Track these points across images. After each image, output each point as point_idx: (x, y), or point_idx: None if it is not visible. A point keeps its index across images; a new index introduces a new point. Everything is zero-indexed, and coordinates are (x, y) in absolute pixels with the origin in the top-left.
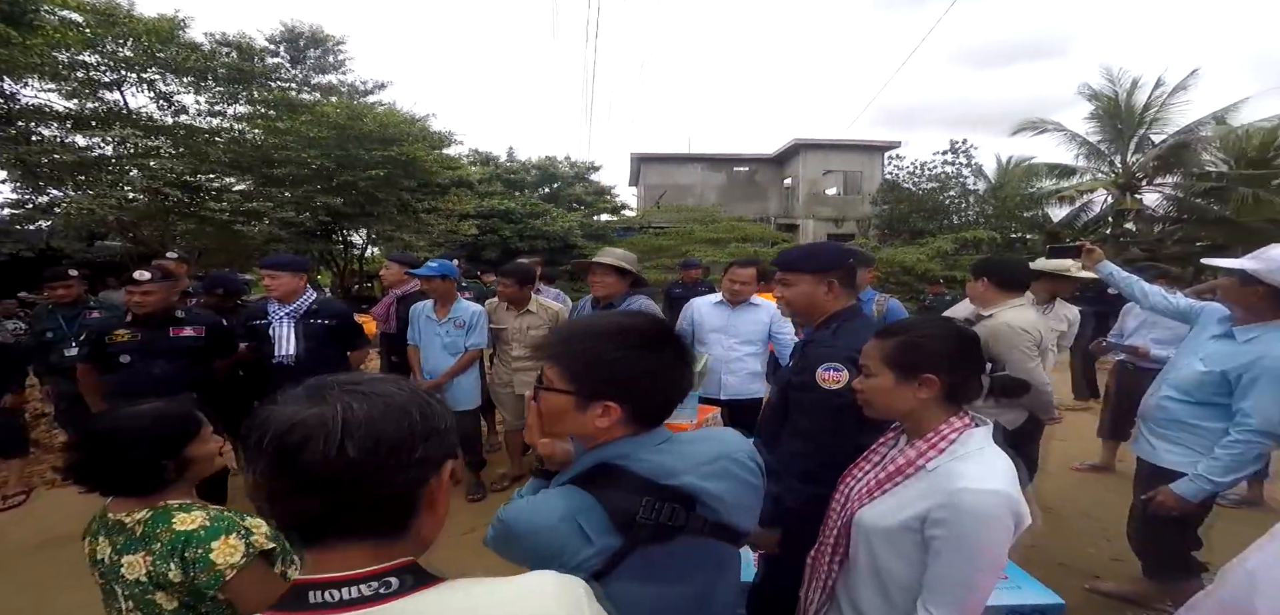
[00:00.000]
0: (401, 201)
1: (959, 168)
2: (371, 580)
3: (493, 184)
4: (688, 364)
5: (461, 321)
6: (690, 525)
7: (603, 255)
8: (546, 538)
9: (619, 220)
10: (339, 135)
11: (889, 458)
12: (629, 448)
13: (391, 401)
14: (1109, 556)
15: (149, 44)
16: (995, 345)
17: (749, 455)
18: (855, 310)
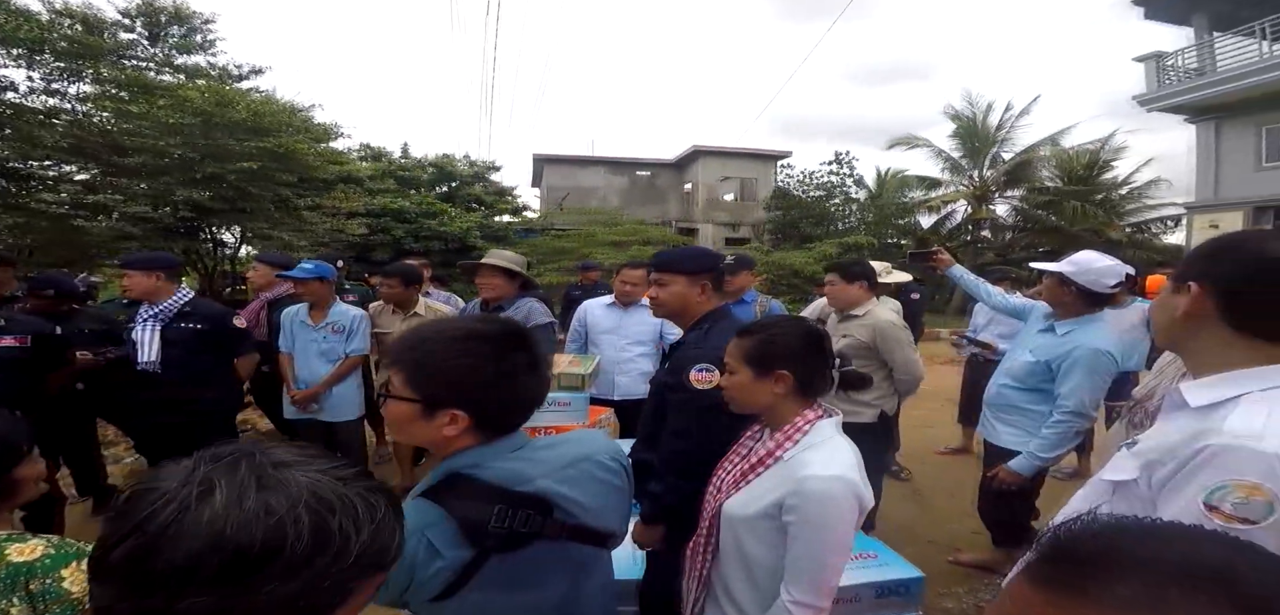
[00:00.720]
0: (279, 197)
1: (842, 177)
2: None
3: (385, 181)
4: (539, 369)
5: (340, 326)
6: (547, 531)
7: (489, 257)
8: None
9: (520, 222)
10: (205, 123)
11: (752, 450)
12: (480, 456)
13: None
14: (969, 531)
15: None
16: (883, 343)
17: (612, 457)
18: (724, 311)
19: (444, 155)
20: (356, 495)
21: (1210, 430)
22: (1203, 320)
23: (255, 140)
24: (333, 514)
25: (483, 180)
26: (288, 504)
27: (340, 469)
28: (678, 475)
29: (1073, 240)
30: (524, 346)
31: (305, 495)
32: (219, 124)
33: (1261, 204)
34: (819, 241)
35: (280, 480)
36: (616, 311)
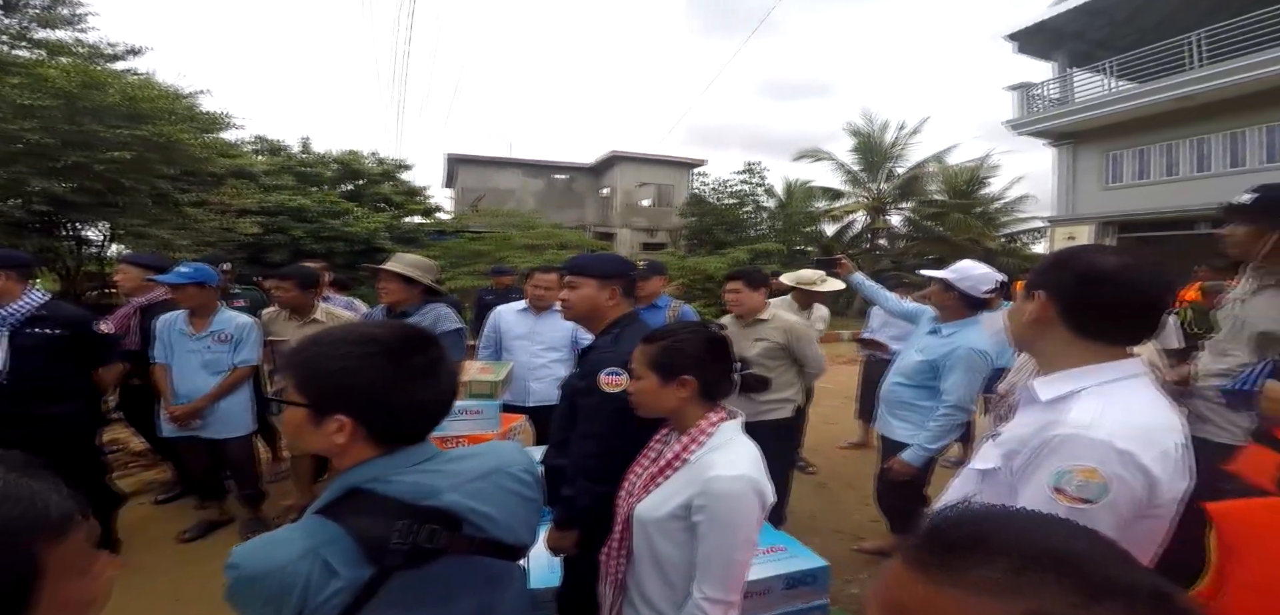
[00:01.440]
0: (157, 192)
1: (753, 187)
2: None
3: (283, 177)
4: (437, 376)
5: (225, 335)
6: (454, 546)
7: (391, 263)
8: (285, 577)
9: (432, 223)
10: (67, 105)
11: (661, 454)
12: (381, 469)
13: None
14: (870, 519)
15: None
16: (797, 342)
17: (524, 468)
18: (634, 317)
19: (350, 151)
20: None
21: (1056, 422)
22: (1048, 324)
23: (129, 127)
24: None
25: (392, 179)
26: None
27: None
28: (589, 479)
29: (956, 249)
30: (419, 350)
31: None
32: (86, 108)
33: (1106, 219)
34: (732, 248)
35: None
36: (530, 317)
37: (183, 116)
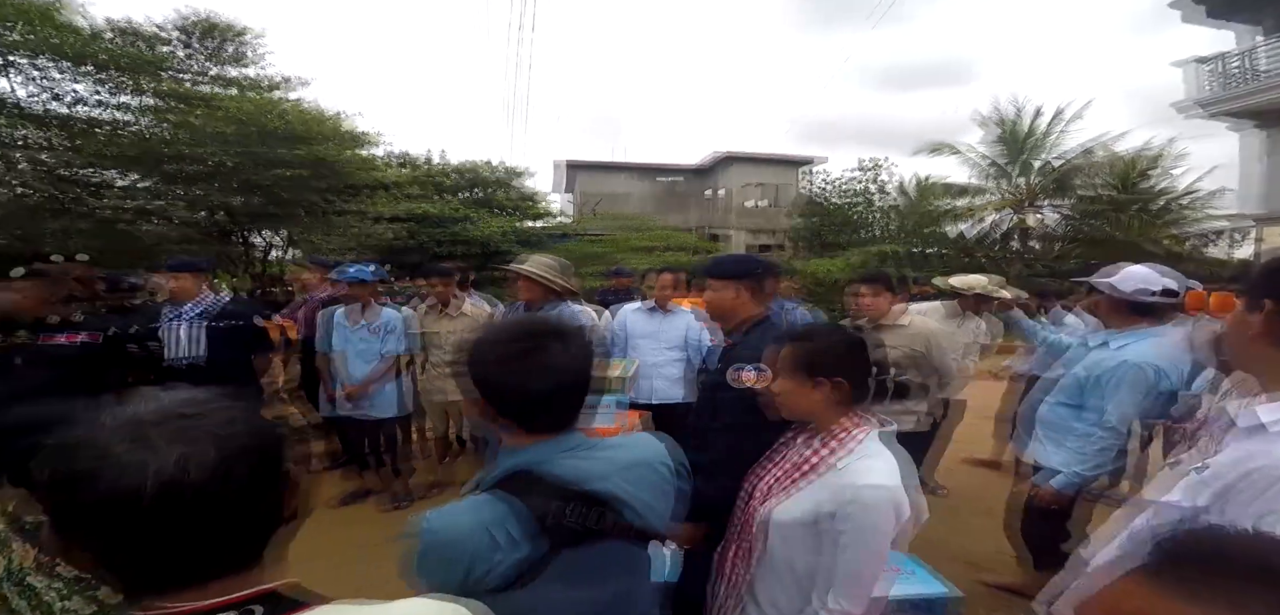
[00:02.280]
0: (313, 203)
1: (868, 184)
2: (231, 610)
3: (415, 187)
4: (546, 366)
5: (379, 327)
6: (609, 529)
7: (526, 264)
8: (464, 545)
9: (550, 227)
10: (241, 131)
11: (795, 456)
12: (544, 454)
13: (226, 434)
14: (997, 550)
15: (40, 29)
16: (935, 351)
17: (663, 460)
18: (766, 316)
19: (473, 161)
20: (252, 421)
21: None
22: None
23: (292, 148)
24: (262, 429)
25: (511, 185)
26: (237, 433)
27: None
28: (728, 474)
29: (1128, 252)
30: (524, 341)
31: (238, 426)
32: (258, 132)
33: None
34: (847, 250)
35: (212, 430)
36: (653, 317)
37: (334, 137)
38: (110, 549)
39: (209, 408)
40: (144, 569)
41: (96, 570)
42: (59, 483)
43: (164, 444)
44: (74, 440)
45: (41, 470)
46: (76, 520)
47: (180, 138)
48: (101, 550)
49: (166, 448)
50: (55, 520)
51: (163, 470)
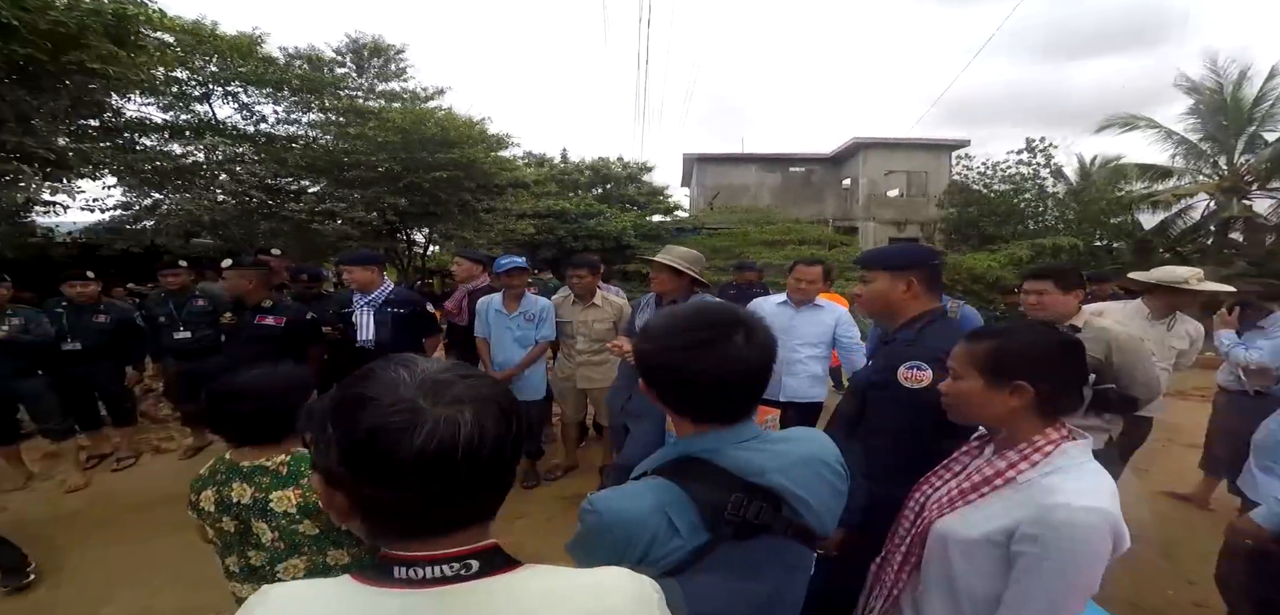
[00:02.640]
0: (462, 202)
1: (1036, 168)
2: (454, 562)
3: (547, 185)
4: (713, 353)
5: (532, 315)
6: (775, 525)
7: (662, 254)
8: (637, 528)
9: (673, 221)
10: (404, 139)
11: (974, 467)
12: (715, 442)
13: (498, 400)
14: (1190, 602)
15: (232, 60)
16: (1122, 358)
17: (837, 460)
18: (940, 312)
19: (600, 158)
20: (509, 394)
21: None
22: None
23: (444, 152)
24: (516, 402)
25: (636, 181)
26: (502, 397)
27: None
28: (872, 479)
29: None
30: (688, 329)
31: (501, 394)
32: (415, 139)
33: None
34: (1006, 243)
35: (488, 394)
36: (788, 311)
37: (478, 140)
38: (390, 500)
39: (471, 375)
40: (411, 520)
41: (353, 518)
42: (359, 437)
43: (465, 405)
44: (374, 398)
45: (330, 424)
46: (370, 472)
47: (358, 148)
48: (378, 501)
49: (467, 408)
50: (335, 470)
51: (467, 428)
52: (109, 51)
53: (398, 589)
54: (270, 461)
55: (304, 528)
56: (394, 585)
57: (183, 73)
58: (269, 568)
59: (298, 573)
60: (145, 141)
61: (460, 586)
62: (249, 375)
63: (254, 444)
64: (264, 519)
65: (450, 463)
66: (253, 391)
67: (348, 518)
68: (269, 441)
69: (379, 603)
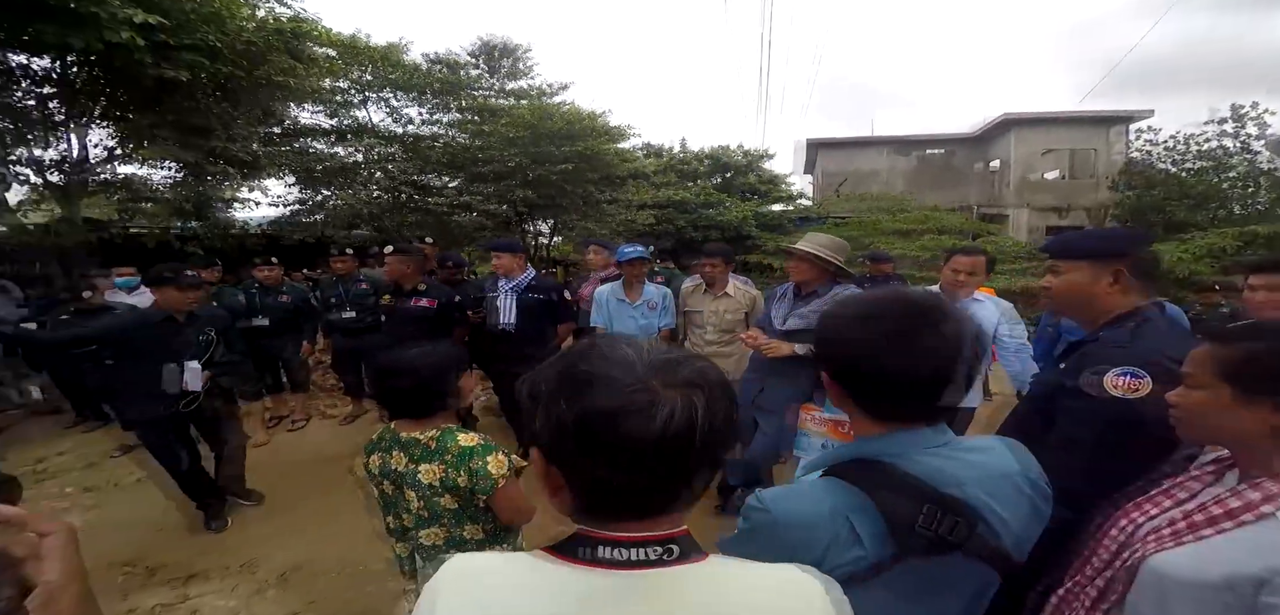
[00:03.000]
0: (585, 193)
1: (1246, 141)
2: (656, 545)
3: (666, 175)
4: (915, 347)
5: (653, 303)
6: (969, 544)
7: (803, 242)
8: (813, 531)
9: (794, 210)
10: (531, 134)
11: (1208, 496)
12: (899, 446)
13: (723, 385)
14: None
15: (382, 68)
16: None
17: (1041, 477)
18: (1159, 308)
19: (719, 147)
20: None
21: None
22: None
23: (568, 145)
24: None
25: (755, 169)
26: (726, 385)
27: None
28: (1071, 502)
29: None
30: (889, 320)
31: (722, 382)
32: (541, 134)
33: None
34: (1201, 231)
35: (714, 379)
36: None
37: (599, 132)
38: (618, 481)
39: (694, 358)
40: (628, 501)
41: (560, 494)
42: (595, 417)
43: (697, 389)
44: (608, 378)
45: (560, 401)
46: (602, 452)
47: (490, 144)
48: (601, 480)
49: (699, 393)
50: (561, 447)
51: (701, 413)
52: (288, 65)
53: (597, 568)
54: (422, 435)
55: (443, 501)
56: (593, 564)
57: (343, 82)
58: (414, 531)
59: (436, 540)
60: (315, 145)
61: (660, 571)
62: (409, 353)
63: (410, 417)
64: (412, 487)
65: (686, 447)
66: (411, 368)
67: (556, 493)
68: (423, 416)
69: (575, 579)
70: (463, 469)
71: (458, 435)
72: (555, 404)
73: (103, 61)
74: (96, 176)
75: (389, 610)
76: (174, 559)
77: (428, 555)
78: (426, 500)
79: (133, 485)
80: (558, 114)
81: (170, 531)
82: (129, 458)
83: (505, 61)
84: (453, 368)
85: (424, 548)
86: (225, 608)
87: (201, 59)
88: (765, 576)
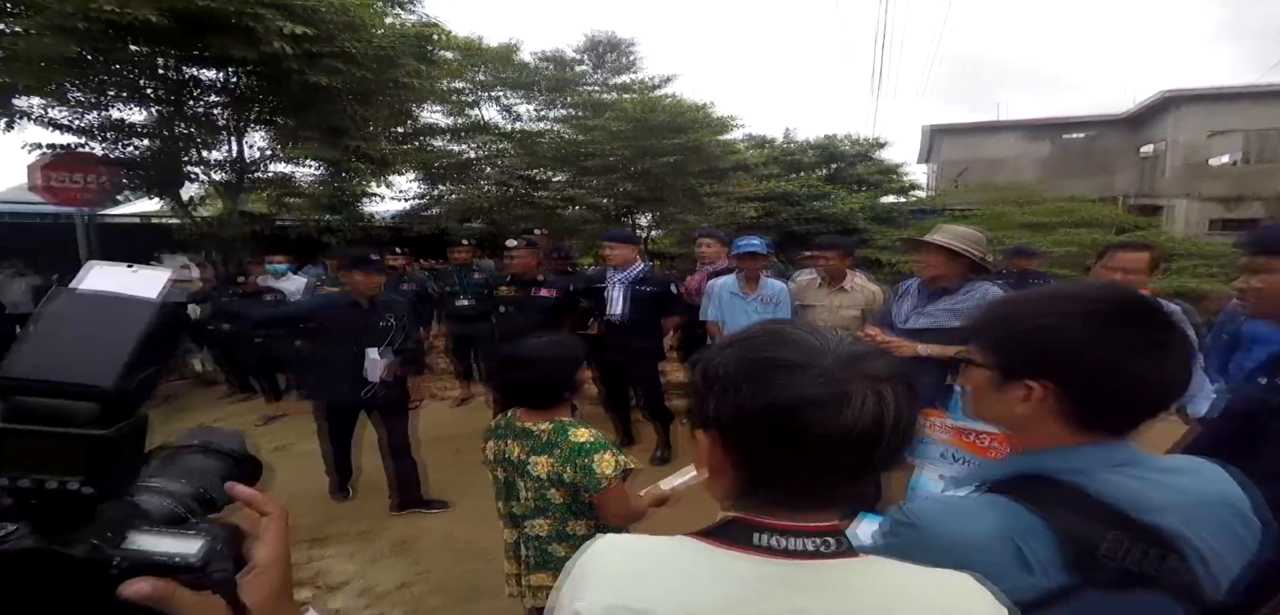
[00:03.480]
0: (687, 186)
1: None
2: (816, 536)
3: (770, 167)
4: (1167, 353)
5: (769, 298)
6: (1161, 578)
7: (936, 234)
8: (974, 555)
9: (910, 202)
10: (636, 128)
11: None
12: (1085, 461)
13: (908, 379)
14: None
15: (496, 68)
16: None
17: (1251, 509)
18: None
19: (827, 136)
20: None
21: None
22: None
23: (673, 137)
24: None
25: (867, 159)
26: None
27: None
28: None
29: None
30: (1142, 318)
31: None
32: (646, 127)
33: None
34: None
35: (899, 373)
36: None
37: (703, 124)
38: (800, 471)
39: (877, 351)
40: (803, 490)
41: (725, 478)
42: (783, 406)
43: (884, 382)
44: (797, 364)
45: (743, 386)
46: (788, 441)
47: (595, 139)
48: (779, 468)
49: (887, 386)
50: (741, 433)
51: (890, 407)
52: (415, 67)
53: (755, 555)
54: (536, 426)
55: (553, 495)
56: (751, 551)
57: (460, 83)
58: (524, 521)
59: (543, 532)
60: (435, 143)
61: (820, 563)
62: (531, 343)
63: (529, 407)
64: (525, 477)
65: (873, 443)
66: (533, 358)
67: (724, 477)
68: (541, 407)
69: (740, 565)
70: (572, 464)
71: (572, 430)
72: (737, 390)
73: (260, 70)
74: (253, 175)
75: (492, 587)
76: (304, 522)
77: (535, 547)
78: (537, 492)
79: (272, 453)
80: (662, 106)
81: (303, 497)
82: (272, 427)
83: (611, 57)
84: (573, 360)
85: (531, 538)
86: (345, 571)
87: (342, 64)
88: (929, 579)
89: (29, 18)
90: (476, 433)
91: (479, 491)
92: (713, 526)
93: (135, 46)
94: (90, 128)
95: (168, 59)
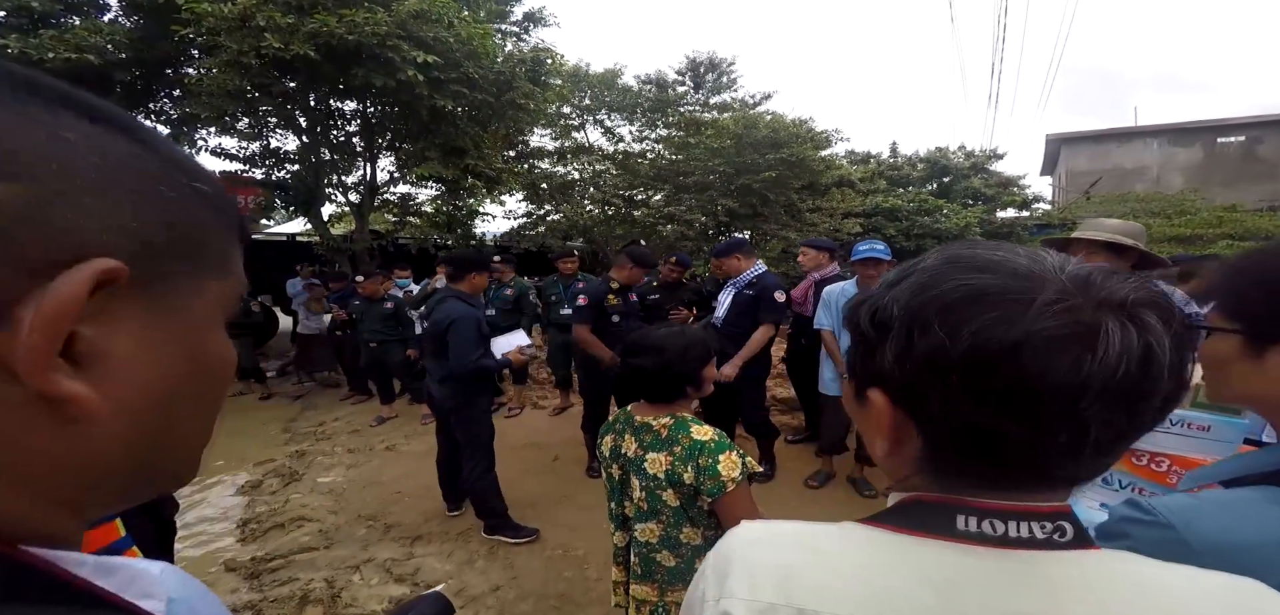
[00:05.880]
0: (788, 202)
1: None
2: (1046, 520)
3: (875, 182)
4: None
5: None
6: None
7: (1090, 229)
8: (1250, 557)
9: (1031, 216)
10: (736, 144)
11: None
12: None
13: (1182, 315)
14: None
15: (600, 92)
16: None
17: None
18: None
19: (936, 149)
20: None
21: None
22: None
23: (772, 153)
24: None
25: (981, 171)
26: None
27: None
28: None
29: None
30: None
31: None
32: (746, 143)
33: None
34: None
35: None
36: None
37: (804, 139)
38: (1020, 436)
39: (1133, 277)
40: (1019, 465)
41: (902, 449)
42: (998, 347)
43: (1150, 313)
44: (1013, 295)
45: (933, 323)
46: (998, 395)
47: (694, 157)
48: (986, 431)
49: (1156, 321)
50: (936, 386)
51: (1162, 353)
52: (528, 90)
53: (959, 543)
54: (655, 421)
55: (666, 496)
56: (953, 538)
57: (566, 107)
58: (634, 522)
59: (651, 537)
60: (541, 165)
61: (1049, 555)
62: (658, 332)
63: (649, 400)
64: (638, 475)
65: (1141, 396)
66: (658, 346)
67: (898, 447)
68: (662, 401)
69: (931, 557)
70: (690, 464)
71: (693, 426)
72: (927, 331)
73: (391, 99)
74: (381, 195)
75: (582, 597)
76: (406, 520)
77: (641, 554)
78: (649, 491)
79: (382, 452)
80: (762, 123)
81: (407, 496)
82: (383, 426)
83: (711, 76)
84: (701, 352)
85: (639, 544)
86: (442, 571)
87: (465, 89)
88: (1207, 581)
89: (211, 58)
90: (574, 442)
91: (574, 500)
92: (893, 508)
93: (293, 82)
94: (252, 156)
95: (318, 91)
